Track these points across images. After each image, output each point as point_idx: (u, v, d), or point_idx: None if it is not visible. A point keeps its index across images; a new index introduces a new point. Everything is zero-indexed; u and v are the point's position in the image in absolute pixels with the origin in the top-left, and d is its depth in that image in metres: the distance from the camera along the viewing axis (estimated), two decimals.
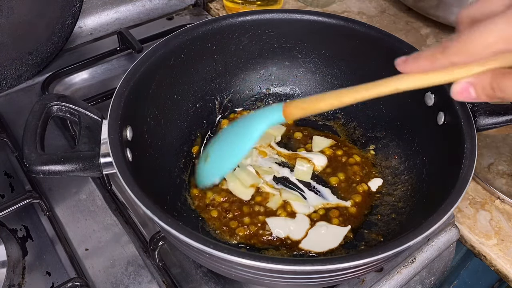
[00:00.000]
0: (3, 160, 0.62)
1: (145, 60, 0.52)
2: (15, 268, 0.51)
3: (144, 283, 0.50)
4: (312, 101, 0.44)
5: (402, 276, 0.53)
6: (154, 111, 0.55)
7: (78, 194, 0.58)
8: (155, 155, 0.54)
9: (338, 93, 0.43)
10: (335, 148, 0.61)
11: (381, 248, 0.37)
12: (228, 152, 0.50)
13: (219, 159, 0.51)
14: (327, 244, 0.51)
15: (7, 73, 0.68)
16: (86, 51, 0.79)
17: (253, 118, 0.49)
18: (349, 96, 0.43)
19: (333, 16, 0.60)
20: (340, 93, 0.43)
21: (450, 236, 0.56)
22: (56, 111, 0.46)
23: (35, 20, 0.67)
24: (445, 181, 0.45)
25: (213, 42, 0.60)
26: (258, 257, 0.36)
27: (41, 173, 0.42)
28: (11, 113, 0.68)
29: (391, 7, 0.91)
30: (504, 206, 0.59)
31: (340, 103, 0.43)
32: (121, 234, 0.54)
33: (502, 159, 0.63)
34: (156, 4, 0.89)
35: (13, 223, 0.55)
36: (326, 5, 0.90)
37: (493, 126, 0.49)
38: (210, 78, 0.62)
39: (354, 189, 0.57)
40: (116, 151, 0.42)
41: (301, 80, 0.66)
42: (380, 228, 0.53)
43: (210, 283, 0.50)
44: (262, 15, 0.60)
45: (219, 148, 0.51)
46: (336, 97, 0.43)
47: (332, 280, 0.43)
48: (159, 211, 0.39)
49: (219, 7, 0.90)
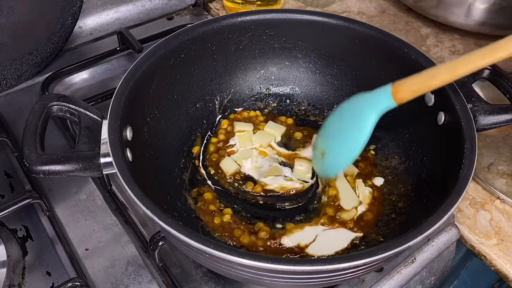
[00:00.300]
0: (3, 160, 0.62)
1: (145, 60, 0.52)
2: (15, 268, 0.51)
3: (144, 283, 0.50)
4: (423, 81, 0.40)
5: (402, 276, 0.53)
6: (154, 111, 0.55)
7: (78, 194, 0.58)
8: (155, 155, 0.54)
9: (450, 66, 0.39)
10: None
11: (381, 248, 0.37)
12: (343, 147, 0.49)
13: (335, 154, 0.50)
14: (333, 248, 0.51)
15: (7, 73, 0.68)
16: (86, 51, 0.79)
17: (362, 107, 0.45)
18: (463, 67, 0.38)
19: (333, 16, 0.60)
20: (452, 65, 0.39)
21: (450, 236, 0.56)
22: (56, 111, 0.46)
23: (35, 20, 0.67)
24: (445, 181, 0.45)
25: (213, 42, 0.60)
26: (258, 257, 0.36)
27: (41, 173, 0.42)
28: (11, 113, 0.68)
29: (391, 7, 0.91)
30: (504, 206, 0.59)
31: (454, 76, 0.39)
32: (121, 234, 0.54)
33: (502, 159, 0.63)
34: (156, 4, 0.89)
35: (13, 223, 0.55)
36: (326, 5, 0.90)
37: (493, 126, 0.49)
38: (210, 78, 0.62)
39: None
40: (116, 151, 0.42)
41: (301, 80, 0.66)
42: (380, 228, 0.53)
43: (210, 283, 0.50)
44: (262, 15, 0.60)
45: (333, 144, 0.51)
46: (449, 71, 0.39)
47: (332, 280, 0.43)
48: (159, 211, 0.39)
49: (219, 7, 0.90)
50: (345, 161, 0.50)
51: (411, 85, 0.41)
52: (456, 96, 0.49)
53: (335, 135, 0.50)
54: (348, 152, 0.48)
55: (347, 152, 0.48)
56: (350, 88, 0.63)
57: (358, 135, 0.46)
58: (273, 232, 0.52)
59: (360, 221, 0.53)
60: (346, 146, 0.48)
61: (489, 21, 0.75)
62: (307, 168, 0.58)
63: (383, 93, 0.43)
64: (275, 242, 0.51)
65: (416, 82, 0.41)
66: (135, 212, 0.57)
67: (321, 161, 0.51)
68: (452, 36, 0.84)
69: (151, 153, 0.53)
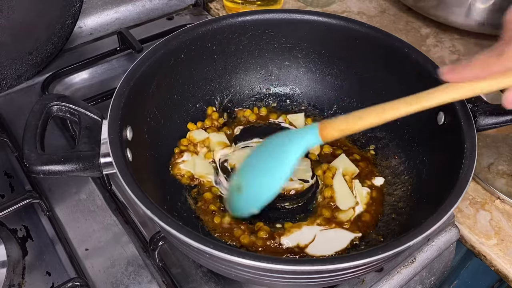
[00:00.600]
0: (3, 160, 0.62)
1: (145, 60, 0.52)
2: (15, 268, 0.51)
3: (144, 283, 0.50)
4: (350, 121, 0.42)
5: (402, 276, 0.53)
6: (154, 111, 0.55)
7: (78, 194, 0.58)
8: (155, 155, 0.54)
9: (378, 110, 0.41)
10: (335, 148, 0.61)
11: (381, 248, 0.37)
12: (263, 181, 0.48)
13: (254, 189, 0.49)
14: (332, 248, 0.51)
15: (7, 73, 0.68)
16: (86, 51, 0.79)
17: (287, 142, 0.46)
18: (390, 113, 0.41)
19: (333, 16, 0.60)
20: (381, 109, 0.41)
21: (450, 236, 0.56)
22: (56, 111, 0.46)
23: (35, 20, 0.67)
24: (445, 181, 0.45)
25: (213, 42, 0.60)
26: (258, 257, 0.36)
27: (41, 173, 0.42)
28: (11, 113, 0.68)
29: (391, 7, 0.91)
30: (504, 206, 0.59)
31: (381, 120, 0.41)
32: (121, 234, 0.54)
33: (502, 159, 0.63)
34: (156, 4, 0.89)
35: (13, 223, 0.55)
36: (326, 5, 0.90)
37: (493, 126, 0.49)
38: (210, 78, 0.62)
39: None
40: (116, 151, 0.42)
41: (301, 80, 0.66)
42: (380, 228, 0.53)
43: (210, 283, 0.50)
44: (262, 15, 0.60)
45: (253, 177, 0.49)
46: (376, 115, 0.41)
47: (332, 280, 0.43)
48: (159, 211, 0.39)
49: (219, 7, 0.90)
50: (266, 195, 0.49)
51: (339, 123, 0.43)
52: None
53: (256, 171, 0.49)
54: (270, 186, 0.48)
55: (269, 186, 0.48)
56: (350, 88, 0.63)
57: (283, 169, 0.47)
58: (273, 231, 0.51)
59: (358, 221, 0.53)
60: (268, 180, 0.48)
61: (489, 21, 0.75)
62: (306, 166, 0.58)
63: (310, 131, 0.44)
64: (274, 242, 0.50)
65: (343, 122, 0.43)
66: (135, 212, 0.57)
67: (237, 197, 0.50)
68: (452, 36, 0.84)
69: (151, 153, 0.53)
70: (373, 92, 0.61)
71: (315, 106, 0.66)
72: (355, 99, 0.63)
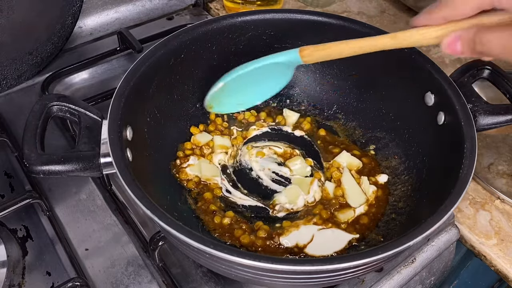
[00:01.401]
0: (3, 160, 0.62)
1: (145, 60, 0.52)
2: (15, 268, 0.51)
3: (144, 283, 0.50)
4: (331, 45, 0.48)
5: (402, 276, 0.53)
6: (154, 111, 0.55)
7: (78, 194, 0.58)
8: (155, 155, 0.54)
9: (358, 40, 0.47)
10: (331, 147, 0.61)
11: (381, 248, 0.37)
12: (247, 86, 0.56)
13: (237, 92, 0.56)
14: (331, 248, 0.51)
15: (7, 73, 0.68)
16: (86, 51, 0.79)
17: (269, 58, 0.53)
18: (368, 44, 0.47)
19: (333, 16, 0.60)
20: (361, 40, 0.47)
21: (450, 236, 0.56)
22: (56, 111, 0.46)
23: (35, 20, 0.67)
24: (445, 181, 0.45)
25: (213, 42, 0.59)
26: (258, 257, 0.36)
27: (41, 173, 0.42)
28: (11, 113, 0.68)
29: (391, 7, 0.91)
30: (504, 206, 0.59)
31: (359, 48, 0.47)
32: (121, 234, 0.54)
33: (502, 159, 0.63)
34: (156, 4, 0.89)
35: (13, 223, 0.55)
36: (326, 5, 0.90)
37: (493, 126, 0.49)
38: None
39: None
40: (116, 151, 0.42)
41: (301, 80, 0.66)
42: (380, 228, 0.53)
43: (210, 283, 0.50)
44: (262, 15, 0.60)
45: (237, 82, 0.55)
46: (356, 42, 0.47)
47: (332, 280, 0.43)
48: (159, 211, 0.39)
49: (219, 7, 0.90)
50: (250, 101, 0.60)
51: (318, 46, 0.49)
52: (456, 96, 0.49)
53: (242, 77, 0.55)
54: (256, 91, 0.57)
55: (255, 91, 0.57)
56: (350, 88, 0.63)
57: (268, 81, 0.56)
58: (272, 231, 0.51)
59: (355, 224, 0.53)
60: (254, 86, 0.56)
61: None
62: (302, 163, 0.58)
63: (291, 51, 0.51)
64: (274, 242, 0.50)
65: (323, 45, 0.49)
66: (135, 212, 0.57)
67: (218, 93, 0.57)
68: None
69: (151, 153, 0.53)
70: (373, 92, 0.61)
71: (315, 106, 0.66)
72: (355, 99, 0.63)
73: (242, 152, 0.60)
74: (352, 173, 0.57)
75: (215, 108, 0.60)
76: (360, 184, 0.56)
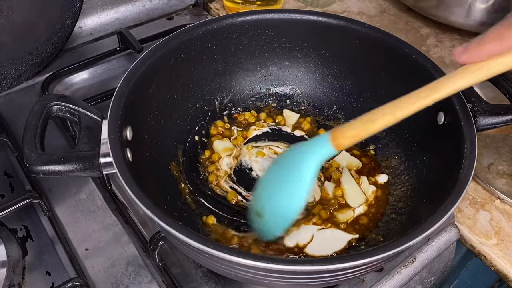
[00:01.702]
0: (3, 160, 0.62)
1: (145, 60, 0.52)
2: (15, 268, 0.51)
3: (144, 283, 0.50)
4: (362, 126, 0.39)
5: (402, 276, 0.53)
6: (154, 111, 0.55)
7: (78, 194, 0.58)
8: (155, 155, 0.54)
9: (391, 108, 0.38)
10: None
11: (381, 248, 0.37)
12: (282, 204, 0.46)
13: (274, 212, 0.46)
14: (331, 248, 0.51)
15: (7, 73, 0.68)
16: (86, 51, 0.79)
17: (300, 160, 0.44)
18: (405, 109, 0.37)
19: (333, 16, 0.60)
20: (394, 107, 0.38)
21: (450, 236, 0.56)
22: (56, 111, 0.46)
23: (35, 20, 0.67)
24: (445, 181, 0.45)
25: (213, 42, 0.60)
26: (258, 257, 0.36)
27: (41, 173, 0.42)
28: (11, 113, 0.68)
29: (391, 7, 0.91)
30: (504, 206, 0.59)
31: (395, 119, 0.38)
32: (121, 234, 0.54)
33: (502, 159, 0.63)
34: (156, 4, 0.89)
35: (13, 223, 0.55)
36: (326, 5, 0.90)
37: (493, 126, 0.49)
38: (210, 78, 0.62)
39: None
40: (116, 151, 0.42)
41: (301, 80, 0.66)
42: (380, 228, 0.53)
43: (210, 283, 0.50)
44: (262, 15, 0.60)
45: (271, 201, 0.47)
46: (390, 114, 0.38)
47: (332, 280, 0.43)
48: (159, 211, 0.39)
49: (219, 7, 0.90)
50: (289, 216, 0.47)
51: (350, 130, 0.40)
52: (456, 96, 0.49)
53: (273, 193, 0.47)
54: (290, 206, 0.46)
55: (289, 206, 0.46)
56: (350, 88, 0.63)
57: (300, 186, 0.44)
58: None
59: (355, 224, 0.53)
60: (287, 201, 0.45)
61: (489, 21, 0.75)
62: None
63: (322, 141, 0.42)
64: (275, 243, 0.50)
65: (354, 128, 0.40)
66: (135, 212, 0.57)
67: (260, 222, 0.48)
68: (452, 36, 0.84)
69: (151, 153, 0.53)
70: (373, 92, 0.61)
71: (315, 106, 0.66)
72: (355, 99, 0.63)
73: (242, 152, 0.60)
74: (352, 173, 0.57)
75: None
76: (359, 184, 0.56)
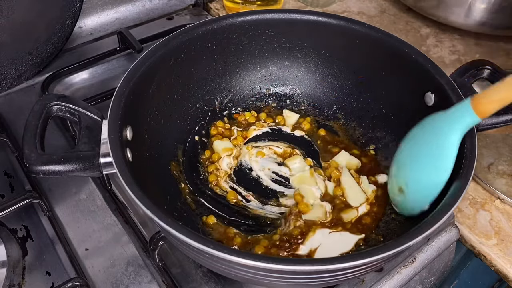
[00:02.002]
0: (3, 160, 0.62)
1: (145, 60, 0.52)
2: (15, 268, 0.51)
3: (144, 283, 0.50)
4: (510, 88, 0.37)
5: (402, 276, 0.53)
6: (154, 111, 0.55)
7: (78, 194, 0.58)
8: (155, 155, 0.54)
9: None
10: (331, 146, 0.61)
11: (381, 248, 0.37)
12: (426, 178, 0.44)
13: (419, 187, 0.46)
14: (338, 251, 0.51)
15: (7, 73, 0.68)
16: (86, 51, 0.79)
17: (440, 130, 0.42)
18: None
19: (333, 16, 0.60)
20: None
21: (450, 236, 0.56)
22: (56, 111, 0.46)
23: (35, 20, 0.67)
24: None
25: (213, 42, 0.60)
26: (258, 257, 0.36)
27: (41, 173, 0.42)
28: (11, 113, 0.68)
29: (391, 7, 0.91)
30: (504, 206, 0.59)
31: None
32: (121, 234, 0.54)
33: (502, 159, 0.63)
34: (156, 4, 0.89)
35: (13, 223, 0.55)
36: (326, 5, 0.90)
37: (493, 126, 0.49)
38: (210, 78, 0.62)
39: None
40: (116, 151, 0.42)
41: (301, 80, 0.66)
42: (380, 228, 0.53)
43: (210, 283, 0.50)
44: (262, 15, 0.60)
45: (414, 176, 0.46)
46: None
47: (332, 280, 0.43)
48: (159, 211, 0.39)
49: (219, 7, 0.90)
50: (434, 190, 0.44)
51: (496, 93, 0.37)
52: (456, 96, 0.49)
53: (413, 166, 0.46)
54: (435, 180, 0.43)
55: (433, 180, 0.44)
56: (350, 88, 0.63)
57: (441, 162, 0.42)
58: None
59: (358, 224, 0.53)
60: (431, 175, 0.44)
61: (489, 21, 0.75)
62: (301, 162, 0.58)
63: (462, 109, 0.40)
64: (292, 249, 0.50)
65: (501, 90, 0.37)
66: (135, 212, 0.57)
67: (401, 196, 0.48)
68: (452, 36, 0.84)
69: (151, 153, 0.53)
70: (373, 92, 0.61)
71: (315, 106, 0.66)
72: (355, 99, 0.63)
73: (242, 152, 0.60)
74: (351, 172, 0.57)
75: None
76: (359, 183, 0.56)
